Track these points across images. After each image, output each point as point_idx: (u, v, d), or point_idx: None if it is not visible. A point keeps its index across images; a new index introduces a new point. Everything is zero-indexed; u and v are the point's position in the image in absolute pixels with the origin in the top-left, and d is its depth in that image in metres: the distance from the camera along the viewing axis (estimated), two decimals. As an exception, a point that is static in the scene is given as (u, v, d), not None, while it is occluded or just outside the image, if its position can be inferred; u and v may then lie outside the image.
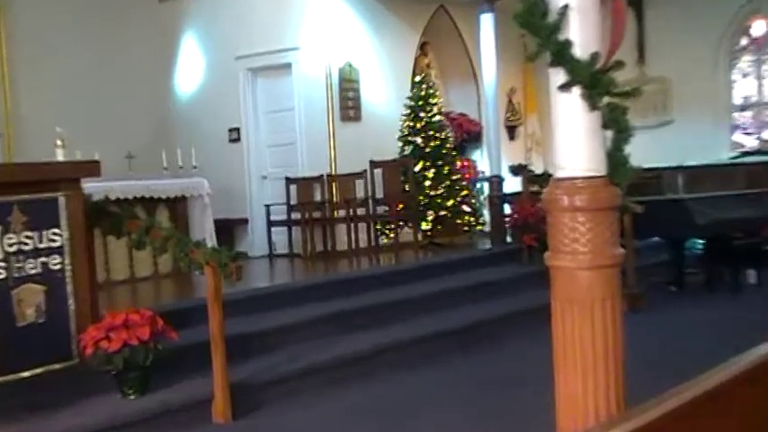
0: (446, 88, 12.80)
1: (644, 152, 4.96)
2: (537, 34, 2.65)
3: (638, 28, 12.27)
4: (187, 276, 8.04)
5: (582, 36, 2.70)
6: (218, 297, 4.87)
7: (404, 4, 11.21)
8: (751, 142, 12.07)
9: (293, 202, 10.19)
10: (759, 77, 12.08)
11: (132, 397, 4.89)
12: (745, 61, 12.14)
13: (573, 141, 2.77)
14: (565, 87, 2.70)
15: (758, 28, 12.03)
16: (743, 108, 12.19)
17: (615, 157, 2.79)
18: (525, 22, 2.64)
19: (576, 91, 2.71)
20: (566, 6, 2.66)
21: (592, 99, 2.67)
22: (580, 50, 2.69)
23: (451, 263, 8.67)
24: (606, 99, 2.72)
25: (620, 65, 2.69)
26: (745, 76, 12.18)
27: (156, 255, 7.32)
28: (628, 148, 2.85)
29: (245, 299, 6.53)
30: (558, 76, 2.73)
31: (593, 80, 2.65)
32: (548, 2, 2.70)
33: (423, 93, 10.41)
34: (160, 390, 4.99)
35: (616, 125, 2.76)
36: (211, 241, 8.83)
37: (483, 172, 12.05)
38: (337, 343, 6.13)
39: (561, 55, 2.66)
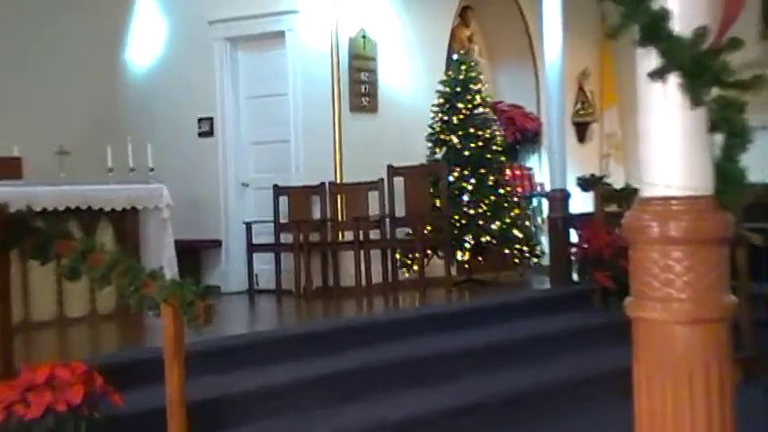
0: (494, 70, 12.81)
1: (766, 162, 4.91)
2: (621, 1, 2.65)
3: (765, -7, 12.24)
4: (137, 318, 8.04)
5: (684, 3, 2.69)
6: (178, 348, 4.87)
7: (439, -47, 11.28)
8: None
9: (284, 219, 10.21)
10: None
11: (57, 482, 4.88)
12: None
13: (667, 148, 2.76)
14: (658, 75, 2.68)
15: None
16: None
17: (726, 171, 2.76)
18: (606, -15, 2.64)
19: (674, 80, 2.69)
20: (662, -37, 2.65)
21: (695, 91, 2.66)
22: (681, 24, 2.67)
23: (496, 308, 8.64)
24: (715, 91, 2.70)
25: (736, 44, 2.68)
26: None
27: (96, 288, 7.35)
28: (744, 158, 2.83)
29: (216, 351, 6.52)
30: (649, 58, 2.71)
31: (697, 65, 2.63)
32: (637, -44, 2.69)
33: (462, 76, 10.45)
34: (96, 473, 4.98)
35: (728, 127, 2.74)
36: (171, 271, 8.85)
37: (542, 184, 12.03)
38: (340, 413, 6.11)
39: (654, 30, 2.64)
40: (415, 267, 9.85)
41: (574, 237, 9.77)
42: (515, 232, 10.36)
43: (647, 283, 2.79)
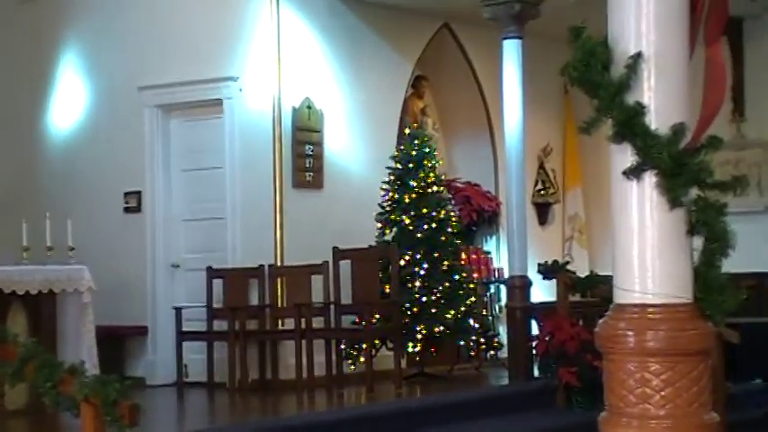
0: (449, 145, 12.92)
1: (740, 249, 5.00)
2: (595, 94, 2.71)
3: (734, 69, 12.53)
4: (51, 417, 7.90)
5: (660, 98, 2.76)
6: (99, 453, 4.79)
7: (389, 19, 11.40)
8: None
9: (217, 304, 10.12)
10: None
11: None
12: None
13: (643, 252, 2.80)
14: (633, 173, 2.74)
15: None
16: None
17: (707, 277, 2.82)
18: (580, 77, 2.69)
19: (650, 179, 2.75)
20: (638, 55, 2.73)
21: (673, 192, 2.72)
22: (657, 120, 2.74)
23: (450, 406, 8.60)
24: (694, 191, 2.77)
25: (716, 143, 2.74)
26: None
27: (8, 383, 7.22)
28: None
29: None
30: (624, 155, 2.78)
31: (675, 164, 2.69)
32: (611, 48, 2.76)
33: (415, 151, 10.50)
34: None
35: (708, 230, 2.80)
36: (91, 361, 8.72)
37: (500, 269, 12.07)
38: None
39: (629, 126, 2.71)
40: (362, 359, 9.78)
41: (535, 328, 9.78)
42: (471, 322, 10.36)
43: (623, 397, 2.82)
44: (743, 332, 7.68)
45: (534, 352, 9.54)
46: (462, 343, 10.44)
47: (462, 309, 10.28)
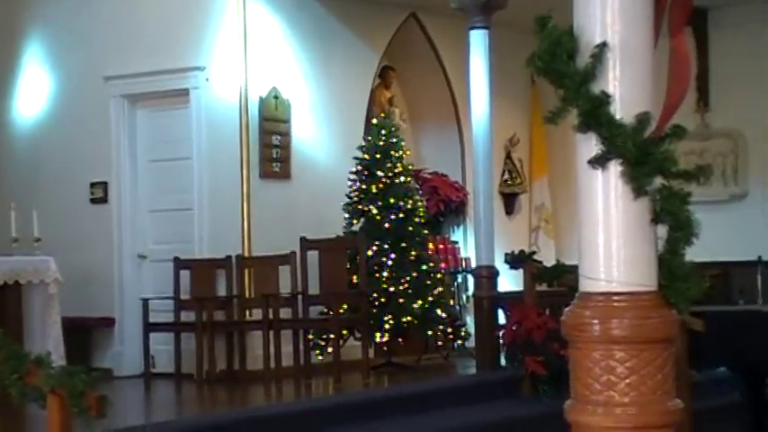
0: (416, 135, 12.93)
1: (705, 239, 5.07)
2: (560, 84, 2.72)
3: (699, 59, 12.61)
4: (18, 410, 7.85)
5: (625, 88, 2.78)
6: (65, 445, 4.77)
7: (356, 9, 11.40)
8: None
9: (185, 295, 10.09)
10: None
11: None
12: None
13: (608, 240, 2.82)
14: (598, 162, 2.76)
15: None
16: None
17: (671, 266, 2.84)
18: (546, 67, 2.71)
19: (615, 168, 2.77)
20: (603, 45, 2.74)
21: (638, 181, 2.74)
22: (622, 109, 2.76)
23: (418, 395, 8.62)
24: (659, 180, 2.79)
25: (680, 132, 2.77)
26: None
27: (-27, 375, 7.17)
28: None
29: (107, 446, 6.40)
30: (589, 144, 2.79)
31: (640, 154, 2.71)
32: (577, 37, 2.77)
33: (382, 141, 10.52)
34: None
35: (672, 219, 2.82)
36: (57, 353, 8.69)
37: (467, 259, 12.11)
38: None
39: (594, 115, 2.72)
40: (330, 350, 9.78)
41: (502, 318, 9.81)
42: (439, 312, 10.38)
43: (588, 385, 2.84)
44: (707, 320, 7.72)
45: (501, 341, 9.57)
46: (430, 333, 10.47)
47: (430, 299, 10.31)
